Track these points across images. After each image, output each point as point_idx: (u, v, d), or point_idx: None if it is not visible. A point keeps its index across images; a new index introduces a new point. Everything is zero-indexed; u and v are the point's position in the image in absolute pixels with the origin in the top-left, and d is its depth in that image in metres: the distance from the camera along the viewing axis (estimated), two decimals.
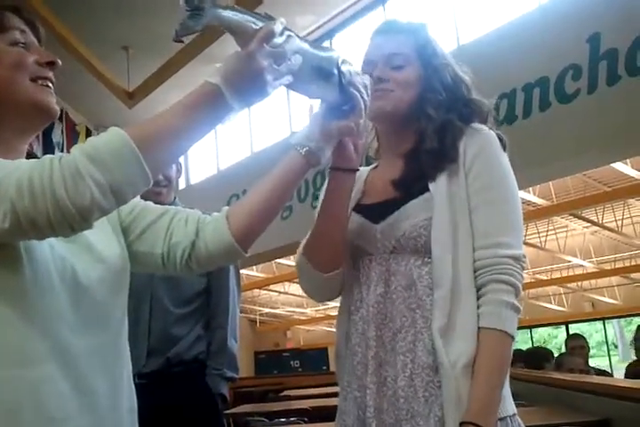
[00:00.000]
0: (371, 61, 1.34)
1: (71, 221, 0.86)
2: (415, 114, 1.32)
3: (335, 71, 1.14)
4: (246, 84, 0.96)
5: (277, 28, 0.99)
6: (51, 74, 1.07)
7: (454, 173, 1.25)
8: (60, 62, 1.08)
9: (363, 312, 1.26)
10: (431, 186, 1.25)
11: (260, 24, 0.99)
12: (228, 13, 0.98)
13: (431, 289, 1.20)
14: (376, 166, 1.45)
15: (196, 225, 1.13)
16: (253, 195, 1.15)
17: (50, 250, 0.97)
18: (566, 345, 5.39)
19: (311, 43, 1.12)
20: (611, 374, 5.39)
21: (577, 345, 5.17)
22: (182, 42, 0.98)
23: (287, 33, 1.02)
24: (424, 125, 1.31)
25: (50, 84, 1.07)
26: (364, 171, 1.43)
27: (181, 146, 0.97)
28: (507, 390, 1.21)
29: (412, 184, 1.29)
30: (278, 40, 0.99)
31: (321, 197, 1.31)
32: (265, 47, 0.97)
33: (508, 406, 1.20)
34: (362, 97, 1.17)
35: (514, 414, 1.21)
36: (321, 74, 1.12)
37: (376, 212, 1.30)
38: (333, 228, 1.28)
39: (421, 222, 1.23)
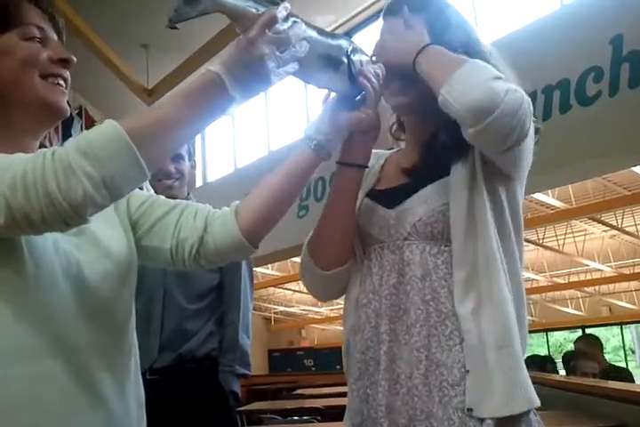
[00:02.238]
0: None
1: (64, 216, 0.84)
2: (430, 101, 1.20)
3: (345, 60, 1.09)
4: (247, 71, 0.93)
5: (281, 13, 0.95)
6: (63, 71, 1.04)
7: (474, 158, 1.18)
8: (74, 59, 1.05)
9: (375, 304, 1.20)
10: (451, 171, 1.19)
11: (263, 9, 0.95)
12: None
13: (446, 281, 1.15)
14: (398, 150, 1.39)
15: (205, 220, 1.11)
16: (263, 189, 1.12)
17: (53, 246, 0.96)
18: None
19: (320, 30, 1.07)
20: (628, 371, 5.28)
21: (581, 347, 5.19)
22: (177, 28, 0.93)
23: (292, 19, 0.97)
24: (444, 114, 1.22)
25: (61, 82, 1.04)
26: (383, 154, 1.38)
27: (180, 137, 0.94)
28: (523, 369, 1.12)
29: (429, 169, 1.23)
30: (282, 26, 0.95)
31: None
32: (267, 33, 0.93)
33: (534, 395, 1.11)
34: (373, 87, 1.12)
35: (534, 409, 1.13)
36: (329, 62, 1.07)
37: (390, 197, 1.25)
38: (337, 225, 1.24)
39: (440, 207, 1.17)
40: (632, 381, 4.73)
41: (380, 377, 1.15)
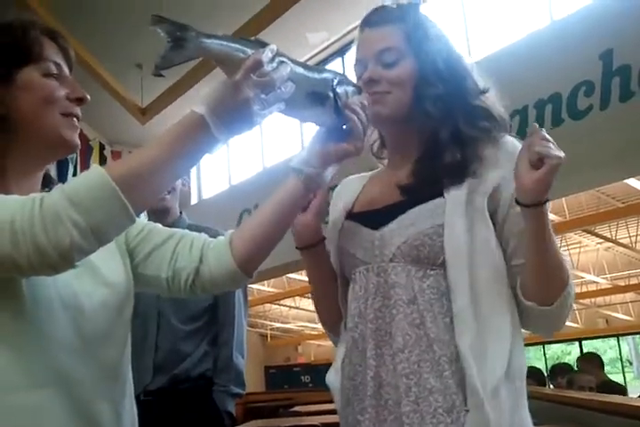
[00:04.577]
0: (361, 61, 1.24)
1: (52, 263, 0.86)
2: (415, 113, 1.20)
3: (330, 94, 1.10)
4: (232, 114, 0.94)
5: (266, 56, 0.96)
6: (78, 110, 1.07)
7: (475, 183, 1.15)
8: (88, 98, 1.08)
9: (362, 328, 1.17)
10: (446, 192, 1.15)
11: (250, 51, 0.96)
12: (213, 43, 0.95)
13: (432, 306, 1.11)
14: (379, 170, 1.37)
15: (201, 251, 1.13)
16: (254, 220, 1.14)
17: (52, 276, 0.96)
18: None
19: (306, 65, 1.08)
20: (623, 386, 5.32)
21: (583, 361, 5.22)
22: (163, 76, 0.94)
23: (279, 59, 0.99)
24: (431, 129, 1.21)
25: (75, 120, 1.07)
26: (360, 180, 1.37)
27: (166, 179, 0.95)
28: (526, 408, 1.12)
29: (422, 189, 1.18)
30: (268, 68, 0.96)
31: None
32: (251, 77, 0.94)
33: (527, 421, 1.11)
34: (360, 119, 1.12)
35: None
36: (316, 99, 1.08)
37: (375, 218, 1.21)
38: (331, 298, 1.28)
39: (427, 230, 1.13)
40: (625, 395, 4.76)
41: (367, 404, 1.13)
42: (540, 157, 1.02)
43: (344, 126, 1.13)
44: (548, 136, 1.04)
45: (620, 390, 4.83)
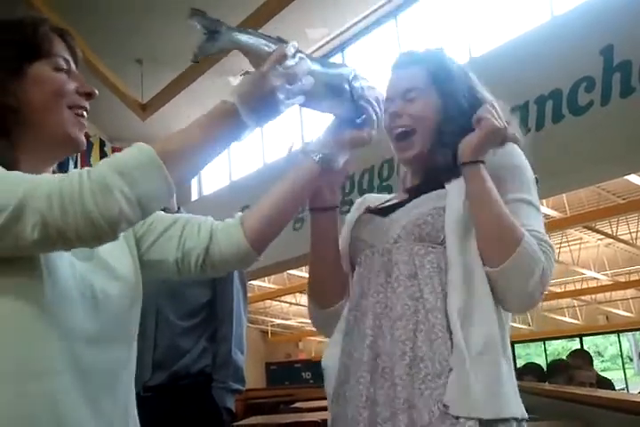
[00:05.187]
0: (390, 99, 1.35)
1: (100, 232, 0.89)
2: (437, 146, 1.32)
3: (347, 87, 1.18)
4: (260, 102, 1.03)
5: (290, 51, 1.06)
6: (86, 103, 1.10)
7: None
8: (97, 93, 1.11)
9: (364, 304, 1.24)
10: (447, 185, 1.27)
11: (274, 47, 1.06)
12: (242, 37, 1.05)
13: (431, 279, 1.19)
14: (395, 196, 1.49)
15: (209, 233, 1.15)
16: (267, 199, 1.18)
17: (70, 268, 0.99)
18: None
19: (323, 61, 1.18)
20: (612, 383, 5.33)
21: (573, 357, 5.21)
22: (198, 62, 1.06)
23: (299, 55, 1.09)
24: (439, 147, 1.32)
25: (84, 114, 1.09)
26: (381, 197, 1.47)
27: (202, 161, 1.01)
28: (514, 390, 1.16)
29: (426, 185, 1.32)
30: (290, 62, 1.06)
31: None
32: (277, 69, 1.04)
33: (515, 407, 1.14)
34: (374, 110, 1.21)
35: (522, 420, 1.14)
36: (333, 91, 1.17)
37: (388, 209, 1.33)
38: (328, 267, 1.32)
39: (429, 211, 1.24)
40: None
41: (363, 369, 1.18)
42: (478, 119, 1.21)
43: (359, 118, 1.22)
44: (496, 108, 1.23)
45: (610, 385, 4.86)
